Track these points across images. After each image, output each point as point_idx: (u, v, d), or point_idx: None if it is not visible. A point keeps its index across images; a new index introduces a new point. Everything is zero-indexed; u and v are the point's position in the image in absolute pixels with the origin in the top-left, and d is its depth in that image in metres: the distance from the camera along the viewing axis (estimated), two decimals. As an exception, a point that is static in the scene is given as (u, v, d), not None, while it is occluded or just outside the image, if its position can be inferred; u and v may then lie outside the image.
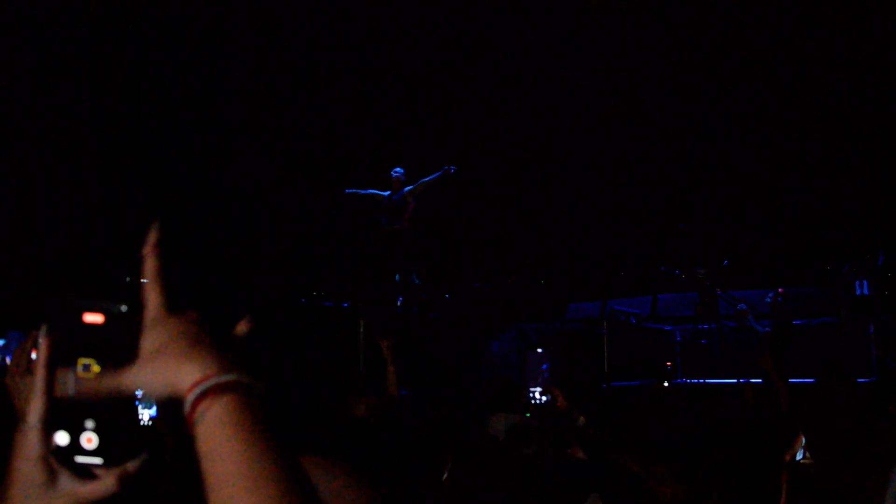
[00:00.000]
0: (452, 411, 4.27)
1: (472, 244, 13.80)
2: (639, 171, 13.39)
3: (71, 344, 0.83)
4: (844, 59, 11.93)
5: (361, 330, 7.45)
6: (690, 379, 9.65)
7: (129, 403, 0.84)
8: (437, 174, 9.13)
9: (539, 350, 3.41)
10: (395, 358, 4.93)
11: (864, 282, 10.57)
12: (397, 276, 9.16)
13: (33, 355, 1.64)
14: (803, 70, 12.28)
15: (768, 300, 9.25)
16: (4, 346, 5.62)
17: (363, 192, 9.61)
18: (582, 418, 3.43)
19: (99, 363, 0.82)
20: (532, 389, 3.36)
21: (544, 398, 3.38)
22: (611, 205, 13.62)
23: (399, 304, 9.03)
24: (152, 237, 0.93)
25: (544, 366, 3.41)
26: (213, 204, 11.02)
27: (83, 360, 0.83)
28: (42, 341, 0.84)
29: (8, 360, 1.74)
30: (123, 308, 0.85)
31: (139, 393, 0.83)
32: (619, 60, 12.67)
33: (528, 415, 5.34)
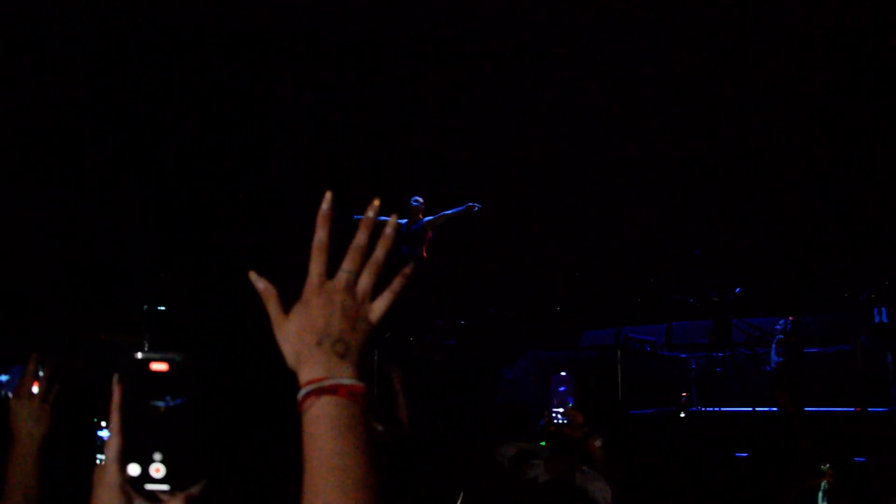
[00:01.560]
0: (463, 441, 4.30)
1: (487, 271, 13.83)
2: (652, 199, 13.40)
3: (140, 390, 0.96)
4: (864, 78, 11.92)
5: (375, 358, 7.47)
6: (705, 407, 9.57)
7: (190, 435, 0.96)
8: (460, 209, 9.19)
9: (563, 373, 3.42)
10: (404, 387, 4.99)
11: (884, 309, 10.47)
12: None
13: (34, 388, 1.75)
14: (819, 95, 12.28)
15: (779, 328, 9.18)
16: (8, 381, 5.70)
17: (382, 217, 9.65)
18: (598, 441, 3.44)
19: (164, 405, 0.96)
20: (555, 411, 3.37)
21: (565, 420, 3.39)
22: (625, 232, 13.62)
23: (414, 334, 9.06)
24: (326, 206, 1.06)
25: (562, 388, 3.42)
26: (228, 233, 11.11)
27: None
28: (116, 388, 0.98)
29: (10, 395, 1.81)
30: (179, 358, 0.97)
31: None
32: (641, 85, 12.70)
33: (542, 443, 5.34)
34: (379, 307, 1.05)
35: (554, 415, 3.32)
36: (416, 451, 4.18)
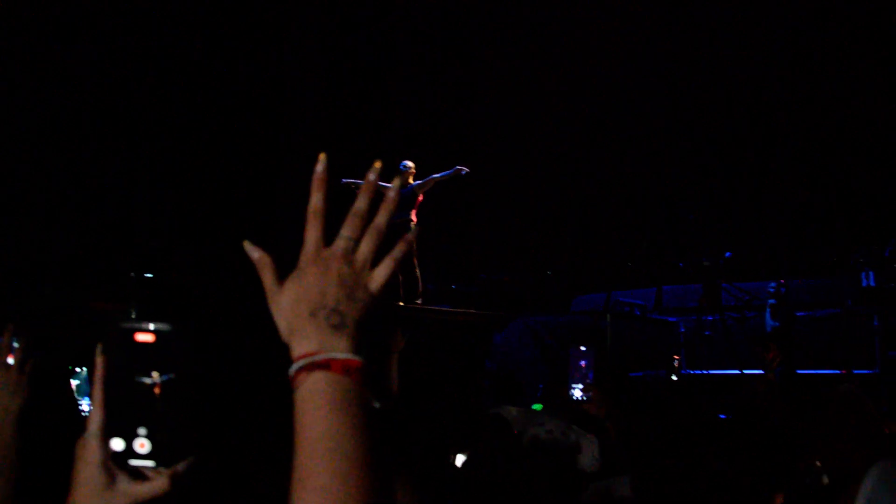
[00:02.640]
0: (455, 406, 4.31)
1: (478, 237, 13.84)
2: (644, 164, 13.39)
3: (125, 362, 0.92)
4: (846, 46, 11.88)
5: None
6: (695, 370, 9.67)
7: (177, 410, 0.92)
8: (448, 172, 9.12)
9: (582, 348, 3.34)
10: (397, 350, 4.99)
11: (871, 273, 10.52)
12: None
13: (9, 361, 1.70)
14: (806, 56, 12.24)
15: (770, 290, 9.23)
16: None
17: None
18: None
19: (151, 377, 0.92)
20: (573, 386, 3.30)
21: (585, 396, 3.32)
22: (616, 197, 13.63)
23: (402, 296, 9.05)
24: (320, 169, 0.99)
25: (582, 362, 3.36)
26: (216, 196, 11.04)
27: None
28: (99, 360, 0.94)
29: None
30: (167, 328, 0.92)
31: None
32: (621, 50, 12.64)
33: (538, 406, 5.37)
34: (379, 275, 0.98)
35: (572, 390, 3.25)
36: (404, 418, 4.21)
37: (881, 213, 11.90)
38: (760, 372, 3.96)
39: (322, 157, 0.99)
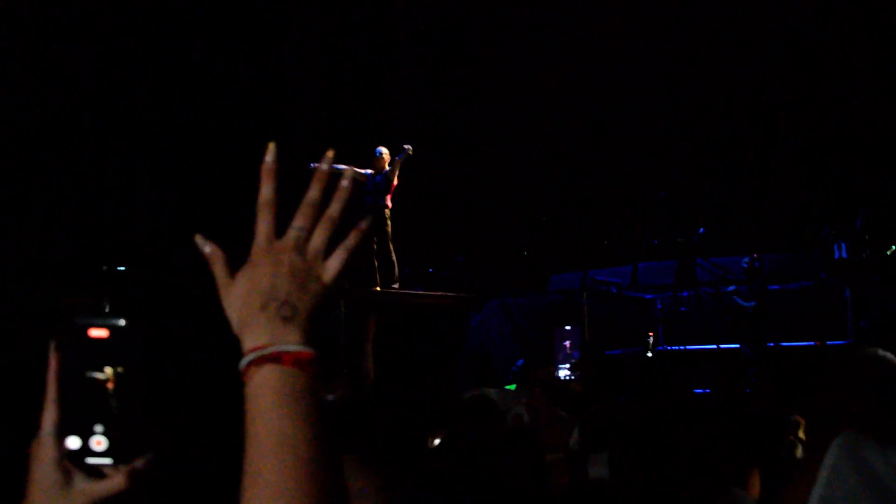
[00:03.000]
0: (430, 391, 4.30)
1: (452, 218, 13.83)
2: (617, 142, 13.43)
3: (78, 358, 0.90)
4: (818, 19, 11.97)
5: (342, 310, 7.47)
6: (671, 346, 9.76)
7: (132, 406, 0.90)
8: (401, 155, 9.11)
9: (567, 327, 3.28)
10: (374, 336, 4.98)
11: (843, 244, 10.65)
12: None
13: None
14: (776, 34, 12.32)
15: (744, 265, 9.31)
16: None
17: (339, 167, 9.43)
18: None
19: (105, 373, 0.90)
20: (560, 367, 3.25)
21: (572, 376, 3.28)
22: (590, 175, 13.67)
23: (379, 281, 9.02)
24: (270, 160, 0.97)
25: (566, 342, 3.30)
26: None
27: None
28: (52, 356, 0.91)
29: None
30: (123, 322, 0.90)
31: None
32: (595, 28, 12.64)
33: (511, 387, 5.38)
34: (332, 266, 0.96)
35: (560, 369, 3.21)
36: (381, 399, 4.20)
37: (850, 185, 12.04)
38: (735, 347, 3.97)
39: (271, 146, 0.97)
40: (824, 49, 12.13)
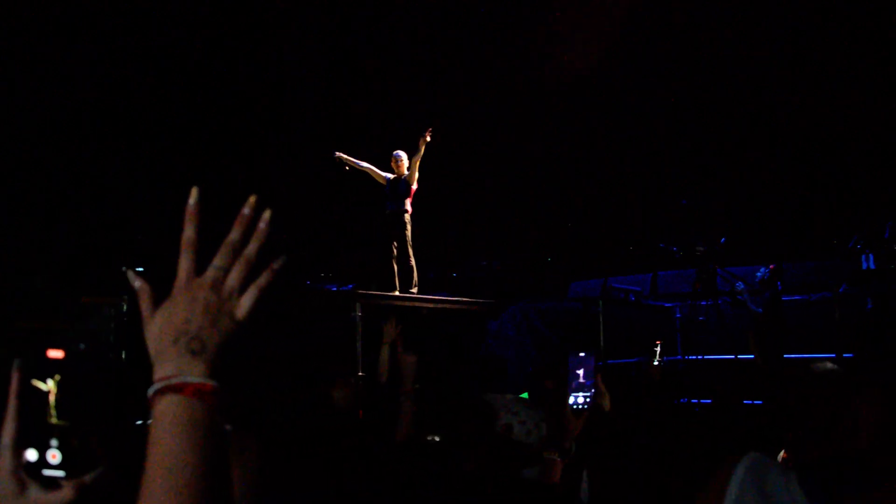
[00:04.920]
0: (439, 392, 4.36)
1: (476, 223, 13.88)
2: (639, 150, 13.38)
3: (37, 376, 0.98)
4: (841, 29, 11.81)
5: (359, 313, 7.56)
6: (690, 356, 9.71)
7: (90, 426, 0.98)
8: (421, 149, 9.02)
9: (581, 354, 3.24)
10: (391, 340, 5.04)
11: (871, 255, 10.49)
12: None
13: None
14: (795, 42, 12.18)
15: (758, 276, 9.21)
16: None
17: (360, 163, 9.40)
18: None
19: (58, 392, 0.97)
20: (575, 395, 3.22)
21: (584, 406, 3.25)
22: (612, 183, 13.63)
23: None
24: (192, 203, 1.04)
25: (580, 370, 3.26)
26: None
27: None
28: (14, 374, 0.99)
29: None
30: (82, 346, 0.99)
31: None
32: (620, 38, 12.60)
33: (523, 395, 5.42)
34: (246, 303, 1.02)
35: (574, 399, 3.19)
36: (392, 402, 4.27)
37: (877, 195, 11.86)
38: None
39: (193, 191, 1.03)
40: (857, 60, 11.98)
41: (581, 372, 3.23)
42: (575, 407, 3.14)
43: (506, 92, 13.15)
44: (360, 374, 6.77)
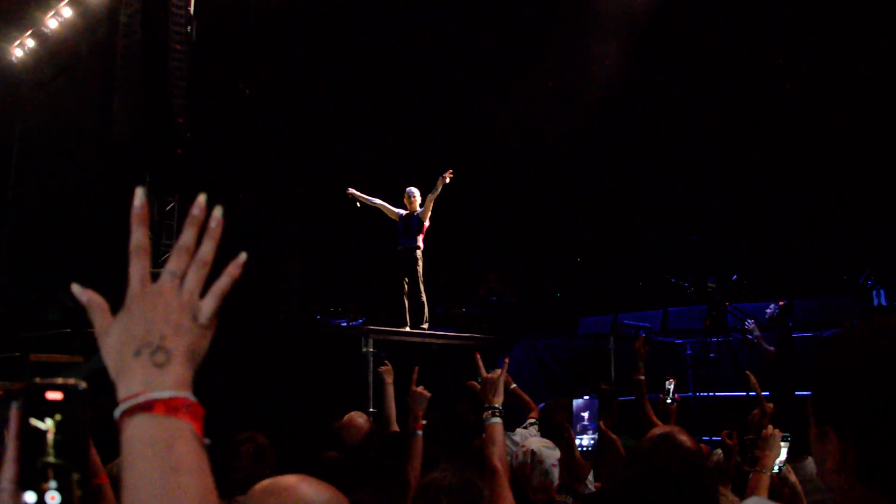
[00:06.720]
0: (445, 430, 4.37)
1: (485, 259, 13.91)
2: (649, 186, 13.41)
3: (36, 417, 0.95)
4: (856, 60, 11.83)
5: (371, 349, 7.60)
6: (701, 392, 9.66)
7: (87, 468, 0.95)
8: (439, 188, 9.12)
9: (586, 397, 3.30)
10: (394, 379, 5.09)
11: (882, 291, 10.44)
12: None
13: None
14: (813, 75, 12.21)
15: (767, 313, 9.18)
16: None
17: (372, 199, 9.50)
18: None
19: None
20: (579, 437, 3.26)
21: (590, 448, 3.29)
22: (623, 219, 13.66)
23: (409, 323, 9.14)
24: (138, 205, 0.97)
25: (584, 413, 3.30)
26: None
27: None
28: (13, 416, 0.96)
29: None
30: (81, 386, 0.94)
31: None
32: (628, 65, 12.66)
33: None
34: (207, 307, 0.96)
35: (579, 441, 3.21)
36: (399, 441, 4.30)
37: (889, 231, 11.82)
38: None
39: (139, 191, 0.97)
40: (872, 95, 11.98)
41: (586, 415, 3.25)
42: (581, 450, 3.17)
43: (517, 127, 13.24)
44: (371, 409, 6.79)
